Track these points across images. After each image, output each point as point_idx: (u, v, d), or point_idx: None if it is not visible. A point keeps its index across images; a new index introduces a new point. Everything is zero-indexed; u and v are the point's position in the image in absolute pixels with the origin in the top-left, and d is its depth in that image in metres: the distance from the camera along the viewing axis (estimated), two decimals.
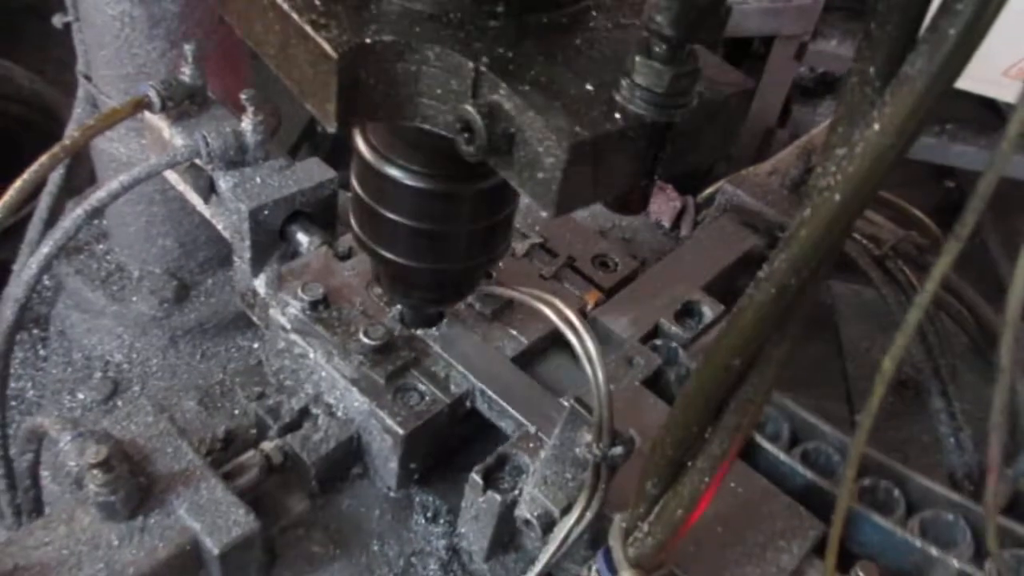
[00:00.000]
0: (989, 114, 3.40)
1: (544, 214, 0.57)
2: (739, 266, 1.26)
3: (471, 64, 0.58)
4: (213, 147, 1.11)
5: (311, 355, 1.00)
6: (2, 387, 1.14)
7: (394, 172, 0.74)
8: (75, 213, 1.08)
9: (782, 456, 0.97)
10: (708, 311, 1.14)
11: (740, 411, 0.60)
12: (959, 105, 3.11)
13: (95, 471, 0.79)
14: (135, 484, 0.82)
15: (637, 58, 0.55)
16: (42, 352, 1.70)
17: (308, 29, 0.58)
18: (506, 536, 0.94)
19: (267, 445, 0.96)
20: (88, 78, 1.48)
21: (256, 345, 1.71)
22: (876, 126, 0.47)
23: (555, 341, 1.09)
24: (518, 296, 0.91)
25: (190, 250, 1.65)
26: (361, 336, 0.97)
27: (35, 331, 1.73)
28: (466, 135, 0.57)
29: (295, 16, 0.59)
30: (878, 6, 0.46)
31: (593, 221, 1.46)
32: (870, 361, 2.00)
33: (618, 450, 0.75)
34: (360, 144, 0.77)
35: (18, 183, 1.07)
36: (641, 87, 0.55)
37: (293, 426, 0.99)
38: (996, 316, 1.62)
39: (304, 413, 1.00)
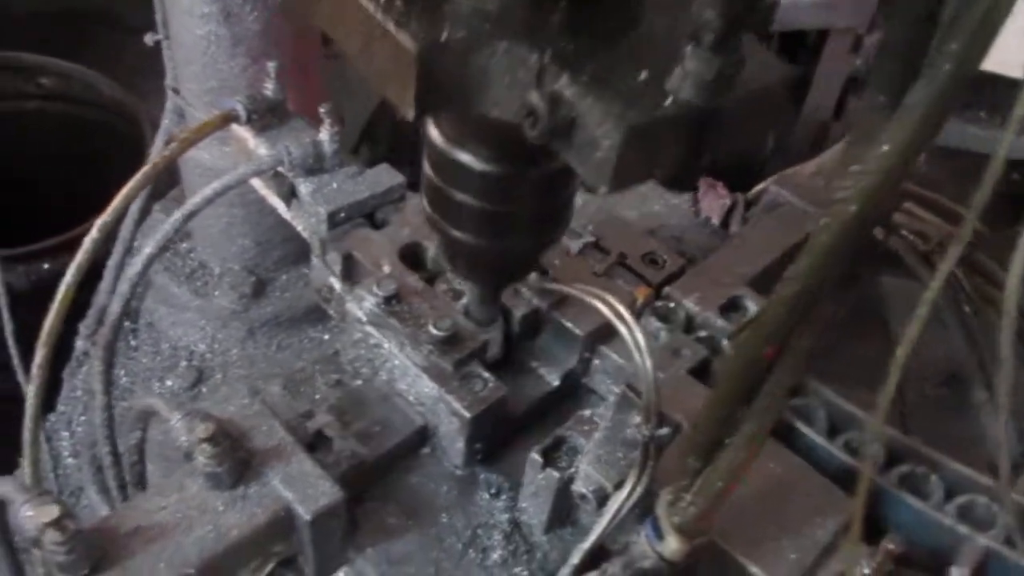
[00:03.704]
0: None
1: (599, 192, 0.64)
2: (784, 262, 1.32)
3: (536, 56, 0.66)
4: (294, 156, 1.22)
5: (385, 345, 1.10)
6: (107, 372, 1.27)
7: (463, 157, 0.83)
8: (174, 217, 1.20)
9: (819, 440, 1.04)
10: (752, 305, 1.21)
11: (771, 394, 0.68)
12: (1016, 96, 3.09)
13: (204, 445, 0.90)
14: (236, 458, 0.93)
15: (687, 48, 0.61)
16: (133, 343, 1.85)
17: (391, 28, 0.67)
18: (563, 511, 1.03)
19: None
20: (176, 91, 1.61)
21: (327, 336, 1.83)
22: (886, 147, 0.54)
23: (606, 334, 1.17)
24: (572, 292, 1.00)
25: (266, 249, 1.78)
26: (430, 327, 1.07)
27: (127, 323, 1.88)
28: (531, 120, 0.65)
29: (379, 17, 0.68)
30: (886, 44, 0.54)
31: (642, 221, 1.54)
32: (920, 358, 2.02)
33: (664, 431, 0.83)
34: (432, 131, 0.86)
35: (124, 191, 1.20)
36: (690, 75, 0.62)
37: (312, 447, 1.04)
38: None
39: (319, 436, 1.06)
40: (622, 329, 0.85)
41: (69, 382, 1.85)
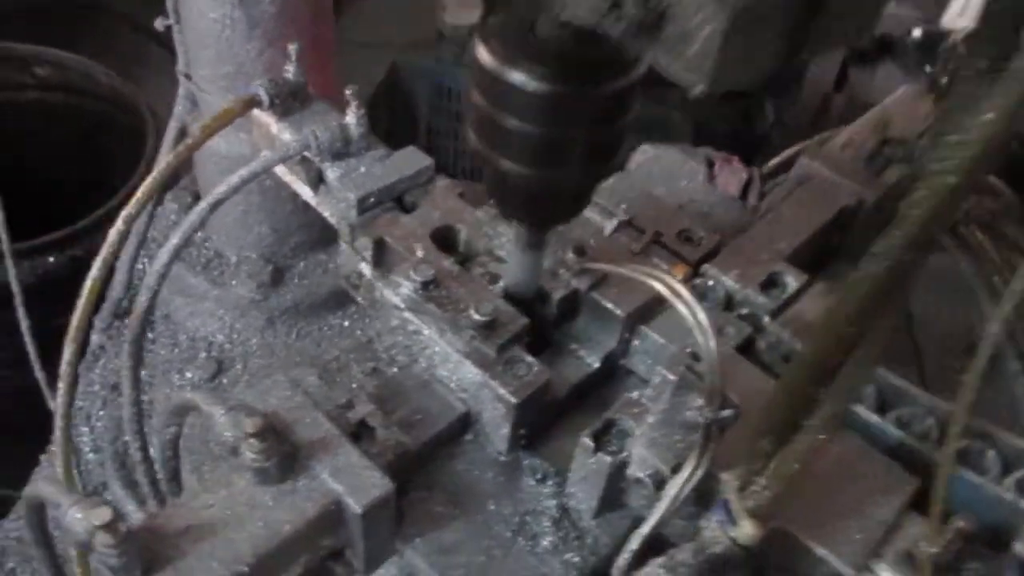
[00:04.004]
0: None
1: (696, 91, 0.58)
2: (821, 235, 1.30)
3: None
4: (322, 141, 1.19)
5: (425, 331, 1.08)
6: (136, 368, 1.25)
7: (516, 76, 0.78)
8: (200, 207, 1.17)
9: (871, 417, 1.02)
10: (792, 281, 1.19)
11: (852, 374, 0.66)
12: None
13: (252, 440, 0.88)
14: (283, 451, 0.91)
15: None
16: (150, 335, 1.82)
17: None
18: (613, 495, 1.02)
19: None
20: (188, 77, 1.57)
21: (347, 323, 1.81)
22: (989, 115, 0.52)
23: (646, 314, 1.15)
24: (626, 272, 0.97)
25: (283, 236, 1.75)
26: (472, 312, 1.05)
27: None
28: (614, 15, 0.59)
29: None
30: (990, 6, 0.51)
31: (670, 197, 1.51)
32: (940, 330, 2.00)
33: (728, 412, 0.81)
34: (482, 53, 0.81)
35: (149, 180, 1.17)
36: None
37: (356, 436, 1.02)
38: None
39: (362, 425, 1.04)
40: (682, 308, 0.83)
41: (86, 376, 1.82)
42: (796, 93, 3.71)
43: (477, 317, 1.05)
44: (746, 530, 0.73)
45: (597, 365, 1.16)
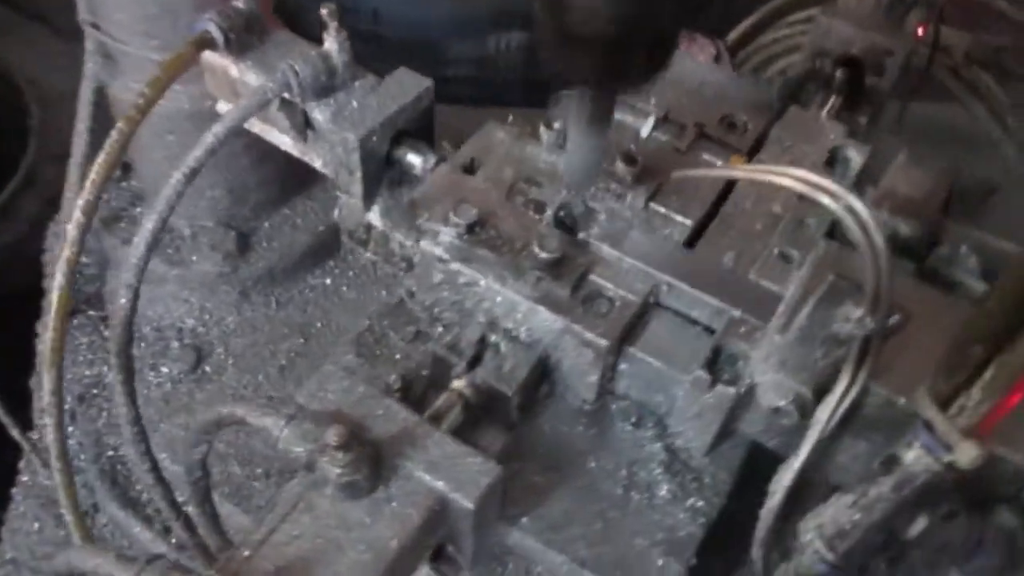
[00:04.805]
0: None
1: None
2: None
3: None
4: (303, 77, 0.99)
5: (482, 282, 0.92)
6: (129, 382, 1.05)
7: None
8: (174, 179, 0.97)
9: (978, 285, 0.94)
10: (855, 155, 1.07)
11: None
12: None
13: (336, 453, 0.72)
14: (368, 456, 0.76)
15: None
16: (106, 333, 1.59)
17: None
18: (726, 425, 0.91)
19: (459, 384, 0.90)
20: (96, 27, 1.31)
21: (329, 281, 1.63)
22: None
23: (709, 217, 1.02)
24: (743, 175, 0.83)
25: (240, 196, 1.54)
26: (535, 250, 0.90)
27: (91, 312, 1.62)
28: None
29: None
30: None
31: (682, 83, 1.36)
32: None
33: (896, 318, 0.70)
34: None
35: (101, 158, 0.95)
36: None
37: (476, 359, 0.93)
38: None
39: (482, 343, 0.93)
40: (830, 203, 0.69)
41: (39, 393, 1.59)
42: None
43: (543, 255, 0.90)
44: (967, 452, 0.62)
45: None
